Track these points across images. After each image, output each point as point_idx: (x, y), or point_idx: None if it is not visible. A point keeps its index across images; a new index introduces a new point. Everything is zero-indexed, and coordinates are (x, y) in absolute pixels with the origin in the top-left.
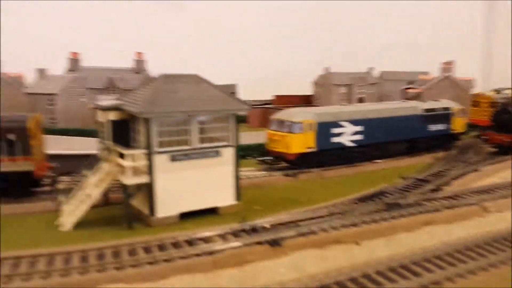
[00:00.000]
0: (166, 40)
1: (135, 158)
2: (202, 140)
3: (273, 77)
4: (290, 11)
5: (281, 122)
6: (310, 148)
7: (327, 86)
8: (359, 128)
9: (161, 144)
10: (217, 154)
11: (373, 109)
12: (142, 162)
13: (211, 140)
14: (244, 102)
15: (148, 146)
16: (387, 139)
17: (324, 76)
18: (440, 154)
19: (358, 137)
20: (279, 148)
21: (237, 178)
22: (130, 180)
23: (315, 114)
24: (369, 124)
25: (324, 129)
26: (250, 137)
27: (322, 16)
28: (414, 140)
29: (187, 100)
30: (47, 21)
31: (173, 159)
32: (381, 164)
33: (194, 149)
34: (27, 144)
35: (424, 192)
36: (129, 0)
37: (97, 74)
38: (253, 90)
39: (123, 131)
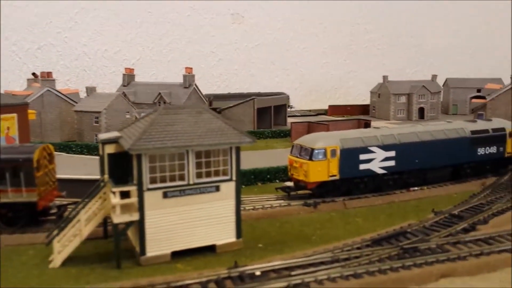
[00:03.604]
0: (220, 51)
1: (128, 194)
2: (200, 175)
3: (330, 86)
4: (347, 16)
5: (301, 148)
6: (333, 176)
7: (385, 96)
8: (391, 153)
9: (153, 180)
10: (216, 189)
11: (408, 132)
12: (133, 199)
13: (210, 174)
14: (248, 135)
15: (139, 183)
16: (425, 165)
17: (382, 85)
18: (490, 181)
19: (390, 163)
20: (299, 176)
21: (238, 213)
22: (118, 218)
23: (340, 139)
24: (403, 149)
25: (350, 156)
26: (280, 157)
27: (380, 20)
28: (459, 166)
29: (183, 134)
30: (107, 38)
31: (166, 195)
32: (417, 193)
33: (190, 184)
34: (31, 175)
35: (453, 233)
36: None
37: (148, 89)
38: (310, 100)
39: (124, 165)
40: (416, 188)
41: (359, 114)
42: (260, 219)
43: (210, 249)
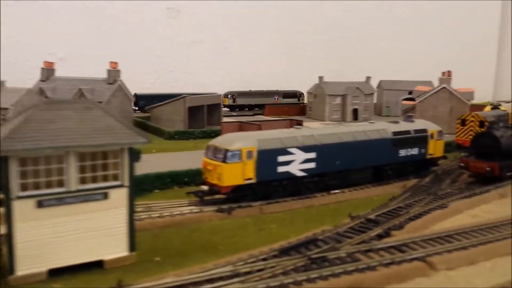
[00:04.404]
0: (156, 47)
1: None
2: (84, 180)
3: (269, 86)
4: (286, 16)
5: (215, 149)
6: (249, 179)
7: (321, 97)
8: (311, 155)
9: (25, 187)
10: (104, 196)
11: (329, 133)
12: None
13: (97, 179)
14: (142, 134)
15: (5, 190)
16: (346, 167)
17: (318, 86)
18: (411, 183)
19: (310, 165)
20: (213, 180)
21: (131, 223)
22: None
23: (257, 140)
24: (324, 151)
25: (268, 157)
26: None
27: (318, 21)
28: (381, 167)
29: (65, 133)
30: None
31: (41, 205)
32: (338, 196)
33: (71, 191)
34: None
35: (366, 239)
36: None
37: (68, 85)
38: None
39: None
40: (337, 191)
41: (296, 115)
42: (166, 227)
43: (98, 265)
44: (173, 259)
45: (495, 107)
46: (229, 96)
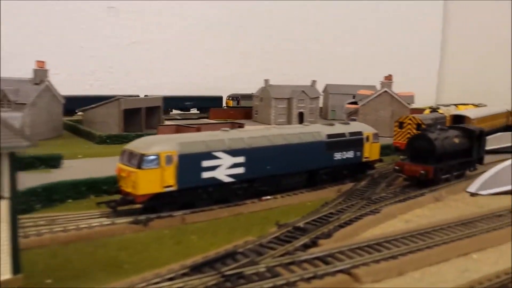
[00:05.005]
0: (93, 47)
1: None
2: None
3: (214, 89)
4: (230, 17)
5: (130, 154)
6: (169, 186)
7: (267, 100)
8: (239, 159)
9: None
10: None
11: (260, 135)
12: None
13: None
14: (26, 137)
15: None
16: (278, 172)
17: (264, 89)
18: (347, 187)
19: (238, 170)
20: (127, 188)
21: (15, 241)
22: None
23: (178, 143)
24: (253, 155)
25: (191, 162)
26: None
27: (264, 24)
28: (315, 171)
29: None
30: None
31: None
32: (269, 202)
33: None
34: None
35: (291, 250)
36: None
37: None
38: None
39: None
40: (268, 197)
41: (242, 118)
42: (70, 243)
43: None
44: (67, 281)
45: (434, 110)
46: (233, 98)
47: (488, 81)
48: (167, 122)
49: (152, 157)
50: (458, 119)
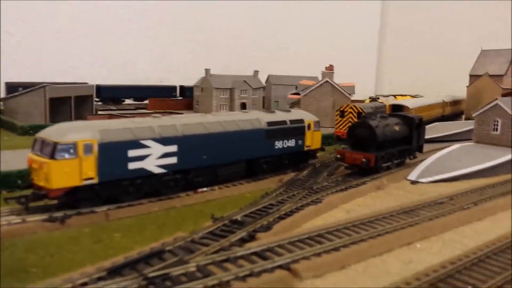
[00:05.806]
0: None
1: None
2: None
3: (154, 80)
4: (169, 7)
5: (43, 143)
6: (88, 179)
7: (208, 90)
8: (171, 148)
9: None
10: None
11: (194, 123)
12: None
13: None
14: None
15: None
16: (214, 162)
17: (204, 79)
18: (289, 177)
19: (170, 160)
20: (39, 181)
21: None
22: None
23: (99, 131)
24: (187, 143)
25: (114, 152)
26: None
27: (205, 14)
28: (255, 161)
29: None
30: None
31: None
32: (205, 194)
33: None
34: None
35: (226, 246)
36: None
37: None
38: None
39: None
40: (205, 189)
41: (183, 109)
42: None
43: None
44: None
45: (374, 99)
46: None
47: (424, 74)
48: (102, 113)
49: (67, 146)
50: (397, 109)
